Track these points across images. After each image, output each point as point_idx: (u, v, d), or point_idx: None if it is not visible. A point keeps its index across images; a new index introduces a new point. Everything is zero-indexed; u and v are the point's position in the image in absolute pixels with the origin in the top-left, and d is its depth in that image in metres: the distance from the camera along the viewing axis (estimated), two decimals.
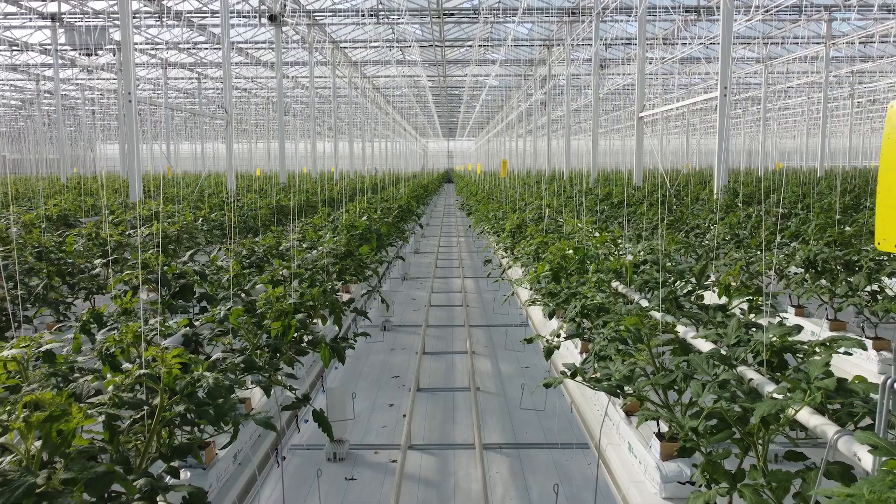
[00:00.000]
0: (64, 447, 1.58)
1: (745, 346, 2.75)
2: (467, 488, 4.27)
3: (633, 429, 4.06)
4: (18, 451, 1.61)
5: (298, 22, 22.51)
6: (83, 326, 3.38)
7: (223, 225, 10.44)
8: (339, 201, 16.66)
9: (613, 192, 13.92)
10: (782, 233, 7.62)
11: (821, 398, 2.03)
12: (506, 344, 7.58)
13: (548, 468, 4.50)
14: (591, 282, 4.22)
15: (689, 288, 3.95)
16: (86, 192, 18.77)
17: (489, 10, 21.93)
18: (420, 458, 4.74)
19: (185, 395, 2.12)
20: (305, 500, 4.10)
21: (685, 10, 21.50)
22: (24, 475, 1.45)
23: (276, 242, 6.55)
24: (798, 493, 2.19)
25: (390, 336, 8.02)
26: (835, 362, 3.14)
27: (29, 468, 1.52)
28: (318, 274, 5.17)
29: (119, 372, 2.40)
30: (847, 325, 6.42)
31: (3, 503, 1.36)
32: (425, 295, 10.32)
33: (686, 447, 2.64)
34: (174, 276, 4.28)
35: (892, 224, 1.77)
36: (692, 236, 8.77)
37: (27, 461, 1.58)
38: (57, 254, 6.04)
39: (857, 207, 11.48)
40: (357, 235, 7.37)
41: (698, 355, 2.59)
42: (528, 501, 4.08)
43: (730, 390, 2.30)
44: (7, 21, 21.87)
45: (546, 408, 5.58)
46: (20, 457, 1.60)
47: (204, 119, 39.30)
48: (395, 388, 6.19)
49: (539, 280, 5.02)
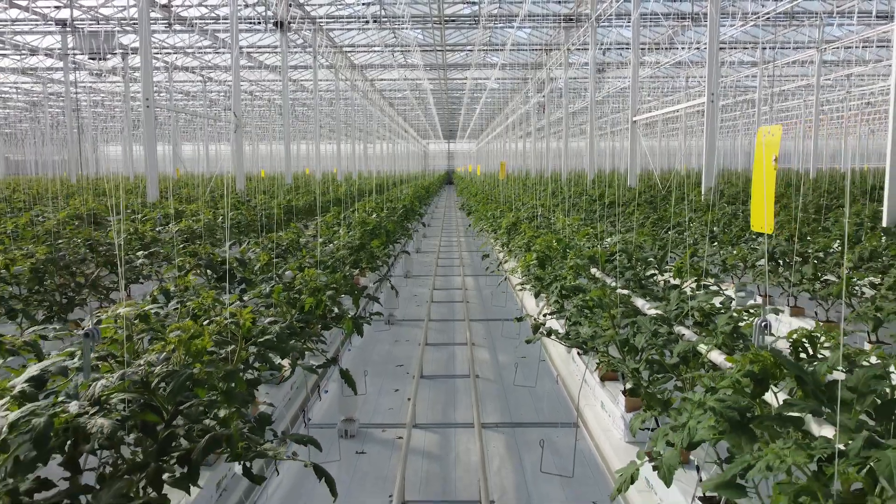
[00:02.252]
0: (199, 356, 2.36)
1: (683, 312, 3.54)
2: (467, 461, 4.73)
3: (605, 390, 4.86)
4: (175, 357, 2.40)
5: (303, 28, 23.28)
6: (153, 299, 4.17)
7: (240, 223, 11.22)
8: (345, 202, 17.44)
9: (605, 194, 14.72)
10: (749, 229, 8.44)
11: (722, 339, 2.81)
12: (503, 336, 7.98)
13: (539, 442, 5.03)
14: (569, 266, 5.01)
15: (652, 271, 4.75)
16: (100, 193, 19.53)
17: (489, 16, 22.69)
18: (424, 435, 5.19)
19: (258, 339, 2.89)
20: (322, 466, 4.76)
21: (679, 16, 22.31)
22: (182, 369, 2.23)
23: (296, 237, 7.36)
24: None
25: (394, 329, 8.47)
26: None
27: (185, 365, 2.30)
28: (337, 263, 5.97)
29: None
30: (805, 310, 7.21)
31: (175, 384, 2.15)
32: (427, 291, 10.75)
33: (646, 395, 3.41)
34: (218, 263, 5.07)
35: (759, 214, 2.56)
36: (674, 233, 9.56)
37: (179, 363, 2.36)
38: (105, 246, 6.84)
39: (831, 207, 12.27)
40: (368, 231, 8.17)
41: (644, 317, 3.36)
42: (522, 470, 4.60)
43: (661, 339, 3.08)
44: (16, 26, 22.58)
45: (537, 385, 6.25)
46: (175, 361, 2.38)
47: (209, 121, 40.02)
48: (399, 376, 6.62)
49: (529, 268, 5.81)
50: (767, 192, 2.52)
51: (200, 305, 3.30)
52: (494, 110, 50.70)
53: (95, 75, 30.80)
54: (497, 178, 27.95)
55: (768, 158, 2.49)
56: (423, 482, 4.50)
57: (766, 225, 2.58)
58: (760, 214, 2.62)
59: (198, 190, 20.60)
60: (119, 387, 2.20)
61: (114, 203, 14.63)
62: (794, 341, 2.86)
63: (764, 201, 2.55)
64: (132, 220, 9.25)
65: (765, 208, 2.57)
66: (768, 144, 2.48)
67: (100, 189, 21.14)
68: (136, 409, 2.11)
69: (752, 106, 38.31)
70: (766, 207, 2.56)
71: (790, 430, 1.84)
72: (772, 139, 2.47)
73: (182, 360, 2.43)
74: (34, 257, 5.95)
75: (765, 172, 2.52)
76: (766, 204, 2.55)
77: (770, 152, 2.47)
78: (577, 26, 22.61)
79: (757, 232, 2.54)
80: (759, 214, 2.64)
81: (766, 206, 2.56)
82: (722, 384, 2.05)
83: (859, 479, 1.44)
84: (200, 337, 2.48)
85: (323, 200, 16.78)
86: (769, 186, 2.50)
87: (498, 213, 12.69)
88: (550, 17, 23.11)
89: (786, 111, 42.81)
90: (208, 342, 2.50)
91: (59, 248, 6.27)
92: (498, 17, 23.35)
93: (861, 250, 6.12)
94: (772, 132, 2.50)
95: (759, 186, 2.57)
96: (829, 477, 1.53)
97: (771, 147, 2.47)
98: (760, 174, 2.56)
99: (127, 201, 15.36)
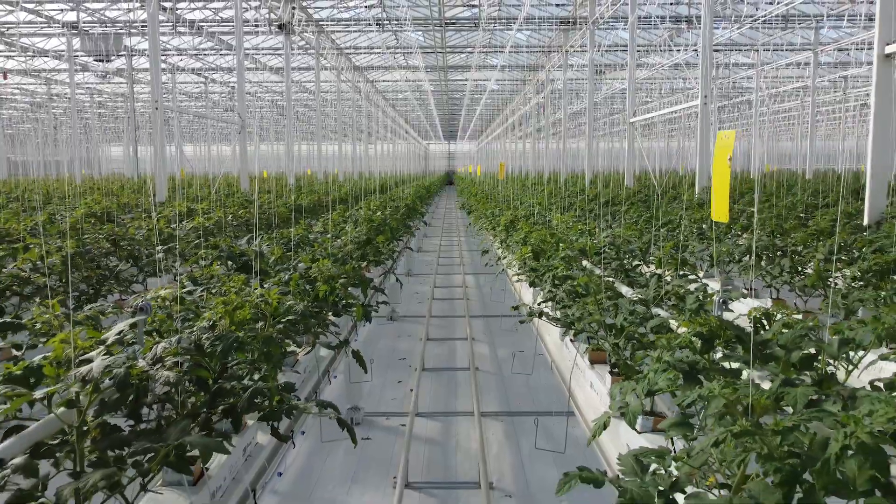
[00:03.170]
0: (242, 325, 2.80)
1: (660, 295, 3.97)
2: (467, 447, 4.99)
3: (593, 371, 5.29)
4: (221, 325, 2.84)
5: (306, 30, 23.69)
6: (182, 285, 4.61)
7: (249, 221, 11.67)
8: (347, 201, 17.90)
9: (601, 193, 15.17)
10: (734, 225, 8.88)
11: (689, 315, 3.23)
12: (502, 332, 8.23)
13: (538, 439, 5.24)
14: (560, 257, 5.45)
15: (636, 262, 5.18)
16: (107, 193, 19.99)
17: (489, 18, 23.11)
18: (426, 423, 5.45)
19: (283, 317, 3.33)
20: (330, 452, 4.90)
21: (675, 19, 22.76)
22: (229, 333, 2.67)
23: (306, 233, 7.80)
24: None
25: (397, 325, 8.73)
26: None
27: (227, 332, 2.74)
28: (346, 256, 6.41)
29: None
30: (786, 302, 7.64)
31: (225, 345, 2.58)
32: (428, 289, 11.00)
33: (623, 366, 3.84)
34: (238, 255, 5.51)
35: (718, 205, 2.99)
36: (665, 230, 9.99)
37: (224, 331, 2.80)
38: (128, 241, 7.28)
39: (818, 206, 12.70)
40: (374, 227, 8.62)
41: (624, 299, 3.79)
42: (519, 455, 4.85)
43: (638, 317, 3.51)
44: (21, 28, 22.99)
45: (533, 374, 6.61)
46: (221, 327, 2.82)
47: (212, 122, 40.45)
48: (402, 368, 6.86)
49: (525, 261, 6.25)
50: (723, 187, 2.94)
51: (231, 288, 3.72)
52: (494, 111, 51.09)
53: (100, 76, 31.20)
54: (497, 178, 28.41)
55: (724, 158, 2.91)
56: (426, 466, 4.74)
57: (723, 215, 3.01)
58: (719, 206, 3.05)
59: (203, 190, 21.04)
60: (174, 350, 2.63)
61: (123, 202, 15.08)
62: (753, 318, 3.29)
63: (722, 195, 2.98)
64: (145, 218, 9.69)
65: (721, 201, 3.00)
66: (724, 146, 2.90)
67: (106, 189, 21.60)
68: (191, 366, 2.54)
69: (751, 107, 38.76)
70: (721, 200, 2.99)
71: (729, 377, 2.26)
72: (727, 142, 2.89)
73: (226, 328, 2.86)
74: (62, 251, 6.39)
75: (721, 170, 2.95)
76: (722, 197, 2.98)
77: (725, 153, 2.89)
78: (576, 28, 23.04)
79: (719, 222, 2.90)
80: (718, 206, 3.07)
81: (723, 198, 2.99)
82: (676, 343, 2.48)
83: (769, 404, 1.85)
84: (242, 308, 2.92)
85: (326, 200, 17.24)
86: (725, 182, 2.93)
87: (497, 211, 13.13)
88: (549, 20, 23.53)
89: (783, 112, 43.19)
90: (248, 313, 2.94)
91: (85, 243, 6.70)
92: (497, 20, 23.77)
93: (831, 243, 6.55)
94: (727, 136, 2.93)
95: (717, 182, 3.00)
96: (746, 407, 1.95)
97: (726, 148, 2.89)
98: (717, 172, 2.99)
99: (136, 200, 15.82)
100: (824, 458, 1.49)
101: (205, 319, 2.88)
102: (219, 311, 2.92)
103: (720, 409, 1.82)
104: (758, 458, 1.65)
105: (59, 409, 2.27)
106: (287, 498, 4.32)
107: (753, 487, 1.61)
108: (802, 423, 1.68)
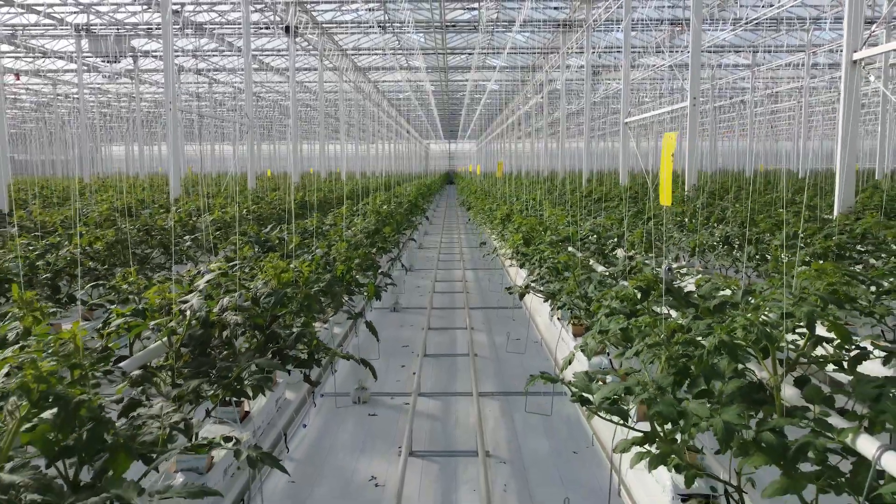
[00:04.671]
0: (287, 285, 3.57)
1: (626, 270, 4.74)
2: (466, 422, 5.41)
3: (576, 342, 6.06)
4: (270, 285, 3.61)
5: (310, 32, 24.43)
6: (219, 267, 5.37)
7: (261, 216, 12.45)
8: (353, 198, 18.69)
9: (595, 191, 15.96)
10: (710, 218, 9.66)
11: (646, 283, 3.99)
12: (500, 322, 8.73)
13: (528, 407, 5.65)
14: (546, 241, 6.21)
15: (612, 246, 5.94)
16: (119, 191, 20.75)
17: (489, 21, 23.83)
18: (428, 402, 5.89)
19: (313, 287, 4.08)
20: (340, 426, 5.41)
21: (671, 21, 23.50)
22: (279, 290, 3.43)
23: (319, 224, 8.59)
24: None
25: (400, 315, 9.21)
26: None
27: (276, 289, 3.50)
28: (358, 243, 7.18)
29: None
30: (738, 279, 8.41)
31: (276, 299, 3.34)
32: (429, 283, 11.47)
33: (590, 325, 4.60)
34: (263, 241, 6.27)
35: (664, 192, 3.76)
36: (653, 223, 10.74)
37: (275, 287, 3.56)
38: (158, 231, 8.05)
39: (796, 202, 13.46)
40: (382, 218, 9.38)
41: (596, 273, 4.54)
42: (513, 429, 5.31)
43: (603, 286, 4.26)
44: (31, 30, 23.73)
45: (526, 353, 7.27)
46: (271, 286, 3.59)
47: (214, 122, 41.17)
48: (405, 355, 7.31)
49: (517, 248, 7.00)
50: (668, 177, 3.70)
51: (269, 262, 4.48)
52: (494, 111, 51.81)
53: (107, 77, 31.89)
54: (496, 177, 29.19)
55: (669, 154, 3.66)
56: (428, 438, 5.17)
57: (667, 199, 3.77)
58: (665, 192, 3.82)
59: (212, 188, 21.80)
60: (234, 304, 3.39)
61: (142, 198, 15.86)
62: (696, 284, 4.06)
63: (667, 184, 3.75)
64: (162, 214, 10.49)
65: (667, 188, 3.77)
66: (669, 145, 3.67)
67: (118, 187, 22.36)
68: (250, 314, 3.29)
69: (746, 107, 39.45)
70: (667, 188, 3.75)
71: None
72: (670, 141, 3.65)
73: (275, 286, 3.63)
74: (104, 239, 7.17)
75: (666, 164, 3.71)
76: (667, 185, 3.74)
77: (669, 150, 3.65)
78: (573, 31, 23.78)
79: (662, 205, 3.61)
80: (664, 193, 3.84)
81: (668, 186, 3.75)
82: (621, 294, 3.24)
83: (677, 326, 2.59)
84: (287, 272, 3.68)
85: (331, 197, 18.04)
86: (669, 173, 3.69)
87: (494, 206, 13.91)
88: (547, 23, 24.27)
89: (778, 113, 43.89)
90: (291, 276, 3.70)
91: (122, 232, 7.47)
92: (497, 23, 24.52)
93: (787, 230, 7.30)
94: (670, 137, 3.68)
95: (663, 173, 3.76)
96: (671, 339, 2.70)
97: (670, 147, 3.65)
98: (663, 165, 3.75)
99: (151, 197, 16.61)
100: (700, 353, 2.24)
101: (259, 280, 3.63)
102: (269, 274, 3.67)
103: (644, 331, 2.56)
104: (664, 361, 2.40)
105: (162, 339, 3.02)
106: (304, 464, 4.73)
107: (657, 377, 2.36)
108: (699, 336, 2.42)
